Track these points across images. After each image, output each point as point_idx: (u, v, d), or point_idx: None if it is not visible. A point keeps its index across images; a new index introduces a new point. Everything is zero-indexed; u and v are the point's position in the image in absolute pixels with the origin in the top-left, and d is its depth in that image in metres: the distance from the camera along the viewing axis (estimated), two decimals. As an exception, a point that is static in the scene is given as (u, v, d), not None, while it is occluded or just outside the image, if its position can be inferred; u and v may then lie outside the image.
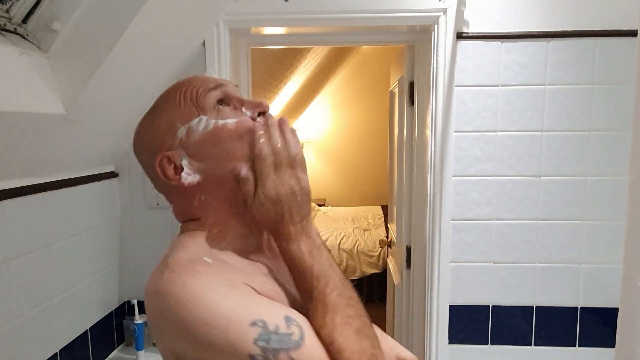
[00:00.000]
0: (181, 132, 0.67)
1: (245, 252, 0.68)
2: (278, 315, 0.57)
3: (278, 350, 0.53)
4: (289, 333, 0.55)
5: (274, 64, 2.89)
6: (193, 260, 0.61)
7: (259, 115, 0.68)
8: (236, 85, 0.74)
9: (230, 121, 0.66)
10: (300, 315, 0.59)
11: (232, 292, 0.57)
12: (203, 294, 0.56)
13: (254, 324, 0.55)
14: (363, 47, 4.95)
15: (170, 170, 0.67)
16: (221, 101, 0.68)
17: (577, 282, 1.66)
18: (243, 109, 0.69)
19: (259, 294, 0.60)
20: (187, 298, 0.56)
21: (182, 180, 0.66)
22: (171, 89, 0.71)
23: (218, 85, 0.69)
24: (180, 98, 0.68)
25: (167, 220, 1.71)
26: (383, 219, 4.69)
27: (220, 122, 0.66)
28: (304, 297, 0.63)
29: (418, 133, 1.83)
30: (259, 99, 0.71)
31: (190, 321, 0.55)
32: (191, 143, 0.66)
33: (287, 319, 0.57)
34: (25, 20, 1.06)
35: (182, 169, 0.67)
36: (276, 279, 0.66)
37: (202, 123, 0.66)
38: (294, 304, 0.63)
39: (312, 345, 0.56)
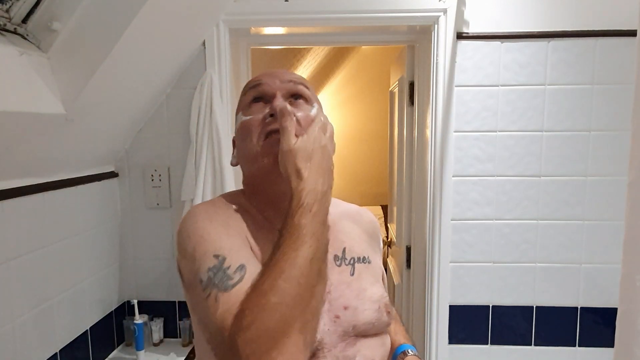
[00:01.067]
0: (236, 119, 0.80)
1: (267, 219, 0.76)
2: (238, 260, 0.63)
3: (214, 286, 0.61)
4: (231, 277, 0.61)
5: (274, 64, 2.89)
6: (215, 203, 0.76)
7: (271, 116, 0.73)
8: (293, 82, 0.78)
9: (248, 118, 0.76)
10: (259, 269, 0.61)
11: (221, 225, 0.69)
12: (199, 216, 0.70)
13: (216, 255, 0.64)
14: (363, 47, 4.95)
15: (233, 146, 0.83)
16: (258, 98, 0.76)
17: (577, 282, 1.66)
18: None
19: (249, 245, 0.69)
20: (187, 217, 0.71)
21: (230, 161, 0.83)
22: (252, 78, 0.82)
23: (259, 84, 0.77)
24: (244, 89, 0.81)
25: (167, 220, 1.71)
26: (383, 219, 4.69)
27: (244, 118, 0.76)
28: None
29: (418, 133, 1.83)
30: (278, 101, 0.73)
31: (180, 231, 0.69)
32: (235, 132, 0.80)
33: (241, 267, 0.63)
34: (25, 20, 1.06)
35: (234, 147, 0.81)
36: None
37: (239, 118, 0.78)
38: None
39: (236, 294, 0.59)
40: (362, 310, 0.72)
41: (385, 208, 4.24)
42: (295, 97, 0.77)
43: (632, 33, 1.53)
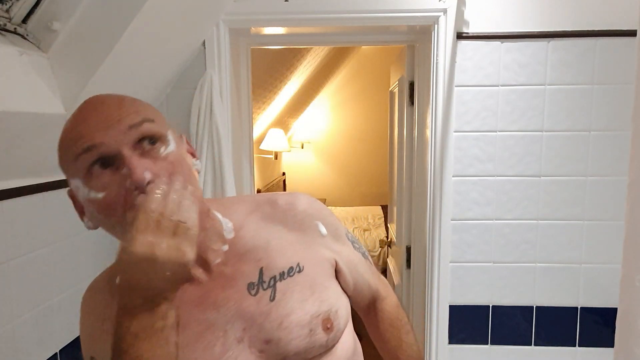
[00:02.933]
0: (72, 183, 0.63)
1: None
2: None
3: None
4: None
5: (274, 64, 2.89)
6: (98, 281, 0.75)
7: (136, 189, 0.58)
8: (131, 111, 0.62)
9: (100, 195, 0.60)
10: None
11: (95, 325, 0.71)
12: (82, 308, 0.76)
13: (92, 358, 0.69)
14: (363, 47, 4.95)
15: (77, 204, 0.66)
16: (103, 161, 0.60)
17: (577, 282, 1.66)
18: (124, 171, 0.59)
19: None
20: (81, 307, 0.76)
21: (85, 224, 0.67)
22: (66, 124, 0.64)
23: (92, 145, 0.59)
24: (65, 143, 0.62)
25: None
26: (383, 219, 4.69)
27: (91, 194, 0.60)
28: None
29: (418, 133, 1.83)
30: (137, 174, 0.58)
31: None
32: (82, 199, 0.63)
33: None
34: (25, 20, 1.06)
35: (84, 212, 0.66)
36: None
37: (80, 188, 0.62)
38: None
39: None
40: (289, 341, 0.65)
41: (385, 208, 4.25)
42: (146, 140, 0.61)
43: (632, 33, 1.53)
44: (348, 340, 0.74)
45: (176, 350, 0.57)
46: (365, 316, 0.93)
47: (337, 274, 0.77)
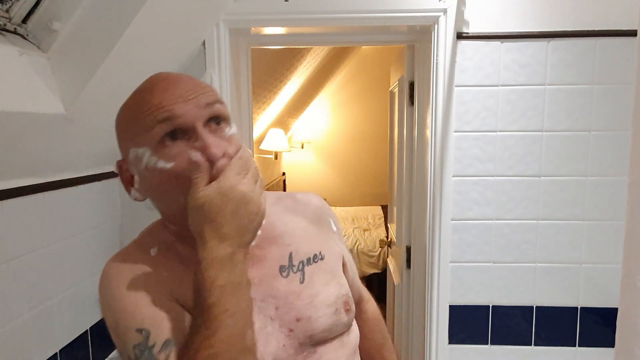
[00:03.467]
0: (132, 152, 0.66)
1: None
2: (163, 334, 0.60)
3: None
4: (157, 357, 0.59)
5: (274, 64, 2.89)
6: (130, 252, 0.72)
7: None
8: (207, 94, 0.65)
9: (169, 165, 0.62)
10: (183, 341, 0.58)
11: (138, 289, 0.64)
12: (114, 282, 0.66)
13: (139, 330, 0.61)
14: (363, 47, 4.95)
15: (125, 175, 0.70)
16: (173, 133, 0.62)
17: (577, 282, 1.66)
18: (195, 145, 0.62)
19: (175, 300, 0.64)
20: (102, 280, 0.68)
21: (131, 195, 0.70)
22: (137, 95, 0.67)
23: (171, 116, 0.61)
24: (137, 113, 0.64)
25: (167, 220, 1.71)
26: (383, 219, 4.69)
27: (159, 164, 0.62)
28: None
29: (418, 133, 1.83)
30: (214, 147, 0.61)
31: (100, 300, 0.67)
32: (139, 169, 0.66)
33: (166, 343, 0.60)
34: (25, 20, 1.06)
35: (133, 183, 0.69)
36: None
37: (145, 158, 0.64)
38: None
39: None
40: (317, 318, 0.69)
41: (385, 208, 4.25)
42: (214, 120, 0.65)
43: (632, 33, 1.53)
44: (355, 325, 0.80)
45: (251, 307, 0.60)
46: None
47: (343, 268, 0.82)
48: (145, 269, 0.68)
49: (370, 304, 0.97)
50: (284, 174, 5.59)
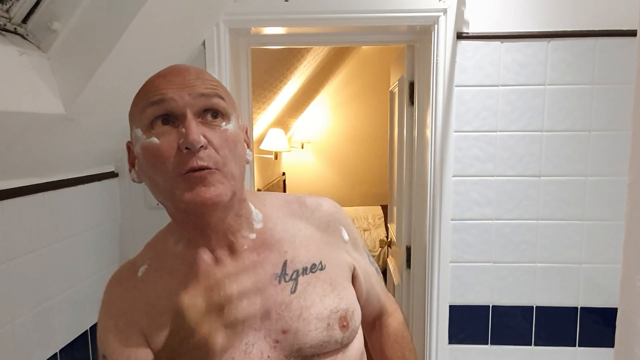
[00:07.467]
0: (132, 132, 0.68)
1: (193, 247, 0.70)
2: None
3: None
4: None
5: (274, 64, 2.89)
6: (123, 272, 0.74)
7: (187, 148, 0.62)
8: (209, 84, 0.66)
9: (155, 142, 0.63)
10: None
11: (112, 323, 0.69)
12: (103, 305, 0.72)
13: (104, 357, 0.68)
14: (363, 47, 4.95)
15: (130, 156, 0.70)
16: (162, 117, 0.64)
17: (577, 282, 1.66)
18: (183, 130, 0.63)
19: (142, 334, 0.68)
20: (102, 304, 0.73)
21: (130, 177, 0.71)
22: (149, 81, 0.68)
23: (163, 99, 0.63)
24: (138, 95, 0.67)
25: (167, 220, 1.70)
26: (383, 219, 4.69)
27: (149, 140, 0.64)
28: None
29: (418, 133, 1.83)
30: (194, 134, 0.61)
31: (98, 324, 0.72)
32: (136, 150, 0.68)
33: None
34: (25, 20, 1.06)
35: (135, 164, 0.70)
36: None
37: (139, 137, 0.65)
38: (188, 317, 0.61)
39: None
40: (306, 332, 0.66)
41: (385, 208, 4.25)
42: (210, 112, 0.65)
43: (632, 33, 1.53)
44: (359, 344, 0.75)
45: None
46: (370, 331, 0.93)
47: (354, 280, 0.78)
48: (127, 297, 0.70)
49: (394, 318, 0.91)
50: (284, 174, 5.59)
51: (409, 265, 1.98)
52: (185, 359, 0.57)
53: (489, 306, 1.69)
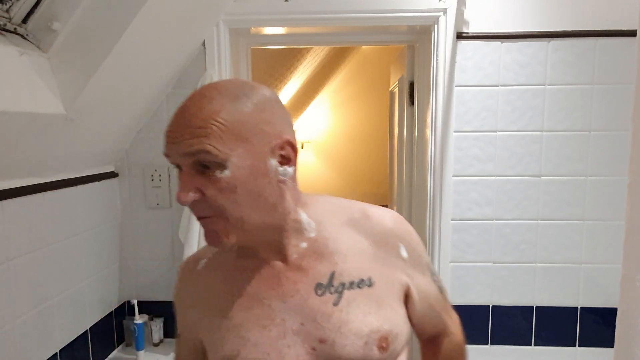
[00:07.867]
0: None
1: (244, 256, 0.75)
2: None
3: None
4: None
5: (274, 64, 2.89)
6: (189, 262, 0.81)
7: None
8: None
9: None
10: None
11: (178, 307, 0.81)
12: (176, 286, 0.81)
13: (178, 335, 0.82)
14: (363, 47, 4.95)
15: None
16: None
17: (577, 282, 1.66)
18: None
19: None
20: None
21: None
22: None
23: (166, 154, 0.66)
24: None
25: (167, 220, 1.71)
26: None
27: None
28: None
29: (418, 133, 1.83)
30: (179, 192, 0.64)
31: None
32: None
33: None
34: (25, 20, 1.06)
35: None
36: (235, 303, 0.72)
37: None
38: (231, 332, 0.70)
39: None
40: (343, 345, 0.66)
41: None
42: (201, 164, 0.63)
43: (632, 33, 1.53)
44: None
45: None
46: (425, 345, 0.91)
47: (407, 299, 0.77)
48: (188, 288, 0.79)
49: (451, 340, 0.88)
50: (284, 174, 5.58)
51: (409, 265, 1.98)
52: (223, 344, 0.69)
53: (489, 306, 1.69)
